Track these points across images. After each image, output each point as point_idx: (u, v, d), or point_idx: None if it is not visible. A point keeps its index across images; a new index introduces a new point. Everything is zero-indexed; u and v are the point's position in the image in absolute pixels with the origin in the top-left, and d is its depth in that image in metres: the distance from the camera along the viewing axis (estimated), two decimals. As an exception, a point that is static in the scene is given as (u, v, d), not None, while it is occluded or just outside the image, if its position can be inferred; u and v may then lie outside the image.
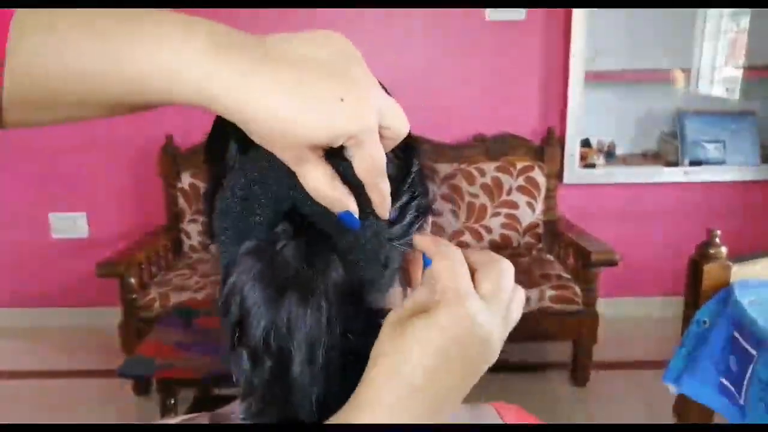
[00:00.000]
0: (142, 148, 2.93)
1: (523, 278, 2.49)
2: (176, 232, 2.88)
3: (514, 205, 2.84)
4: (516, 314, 0.39)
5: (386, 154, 0.41)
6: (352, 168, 0.38)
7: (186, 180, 2.83)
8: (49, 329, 3.04)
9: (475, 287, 0.37)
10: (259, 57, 0.34)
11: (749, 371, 1.52)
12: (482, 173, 2.85)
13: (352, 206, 0.38)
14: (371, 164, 0.37)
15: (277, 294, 0.38)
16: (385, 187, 0.38)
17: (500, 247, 2.85)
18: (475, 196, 2.84)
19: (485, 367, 0.38)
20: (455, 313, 0.35)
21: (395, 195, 0.41)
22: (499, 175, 2.84)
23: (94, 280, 2.38)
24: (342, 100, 0.34)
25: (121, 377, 1.98)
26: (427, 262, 0.39)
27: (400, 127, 0.39)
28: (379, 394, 0.35)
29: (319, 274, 0.38)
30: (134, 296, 2.39)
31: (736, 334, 1.61)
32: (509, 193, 2.84)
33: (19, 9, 0.34)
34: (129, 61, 0.34)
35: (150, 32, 0.34)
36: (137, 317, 2.39)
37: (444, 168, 2.86)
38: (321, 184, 0.37)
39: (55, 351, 2.88)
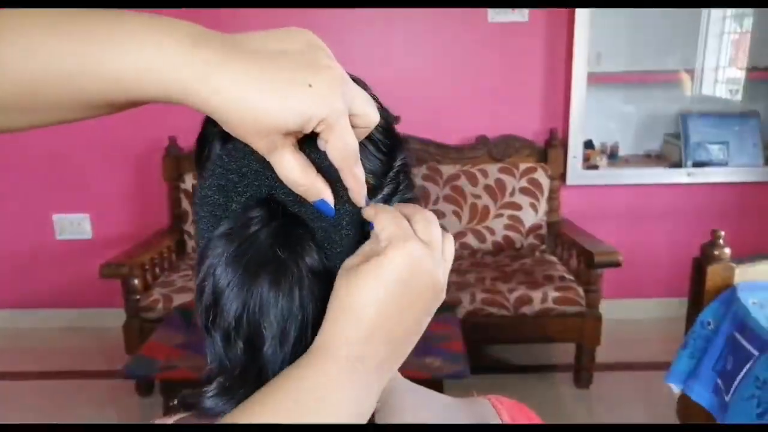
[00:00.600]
0: (145, 150, 2.94)
1: (526, 279, 2.49)
2: (179, 233, 2.89)
3: (517, 207, 2.84)
4: (449, 255, 0.43)
5: (370, 148, 0.42)
6: (327, 158, 0.38)
7: (189, 181, 2.84)
8: (52, 330, 3.05)
9: None
10: (228, 50, 0.35)
11: (744, 369, 1.52)
12: (485, 175, 2.85)
13: (327, 194, 0.39)
14: (344, 149, 0.37)
15: (249, 276, 0.39)
16: (360, 172, 0.39)
17: (503, 248, 2.85)
18: (478, 197, 2.84)
19: (434, 305, 0.40)
20: (403, 252, 0.37)
21: (378, 188, 0.42)
22: (502, 176, 2.84)
23: (97, 281, 2.39)
24: (310, 85, 0.35)
25: (124, 378, 1.99)
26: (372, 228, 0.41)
27: (371, 115, 0.39)
28: (334, 334, 0.37)
29: (293, 258, 0.39)
30: (137, 297, 2.39)
31: (737, 335, 1.61)
32: (512, 194, 2.84)
33: None
34: (108, 59, 0.34)
35: (126, 30, 0.35)
36: (140, 318, 2.40)
37: (447, 169, 2.86)
38: (295, 171, 0.37)
39: (59, 352, 2.88)
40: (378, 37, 2.87)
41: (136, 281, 2.38)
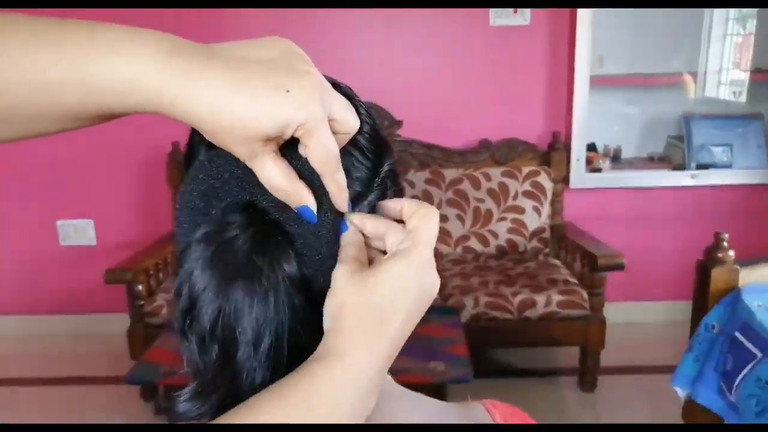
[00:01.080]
0: (149, 156, 2.94)
1: (530, 283, 2.48)
2: (183, 238, 2.89)
3: (521, 210, 2.83)
4: None
5: (356, 154, 0.42)
6: (309, 165, 0.38)
7: (193, 187, 2.84)
8: (57, 336, 3.06)
9: None
10: (204, 59, 0.35)
11: (746, 369, 1.51)
12: (488, 178, 2.85)
13: (309, 200, 0.39)
14: (324, 154, 0.38)
15: (225, 281, 0.38)
16: (341, 178, 0.39)
17: (507, 252, 2.85)
18: (481, 201, 2.84)
19: (422, 314, 0.42)
20: (424, 258, 0.40)
21: (365, 194, 0.42)
22: (506, 180, 2.84)
23: (102, 287, 2.40)
24: (288, 91, 0.35)
25: (127, 384, 1.99)
26: (343, 228, 0.41)
27: (350, 120, 0.40)
28: (349, 339, 0.37)
29: (270, 265, 0.39)
30: (141, 303, 2.40)
31: (738, 335, 1.60)
32: (515, 197, 2.84)
33: None
34: (86, 71, 0.35)
35: (103, 41, 0.35)
36: (145, 324, 2.40)
37: (450, 173, 2.86)
38: (276, 177, 0.38)
39: (64, 357, 2.89)
40: (380, 41, 2.88)
41: (140, 287, 2.38)
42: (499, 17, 2.81)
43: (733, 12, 3.03)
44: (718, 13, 3.01)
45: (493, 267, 2.69)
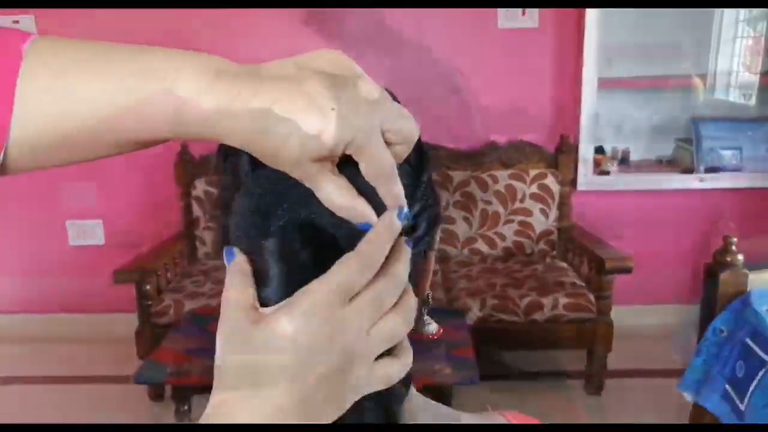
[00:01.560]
0: (157, 156, 2.95)
1: (537, 285, 2.48)
2: (191, 239, 2.90)
3: (528, 213, 2.83)
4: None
5: (403, 164, 0.40)
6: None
7: (201, 187, 2.86)
8: (65, 335, 3.07)
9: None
10: (249, 81, 0.35)
11: (758, 377, 1.50)
12: (495, 180, 2.85)
13: (371, 216, 0.37)
14: (378, 167, 0.36)
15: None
16: (398, 189, 0.38)
17: (514, 254, 2.85)
18: (489, 203, 2.84)
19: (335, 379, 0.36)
20: (317, 306, 0.35)
21: (408, 204, 0.41)
22: (513, 182, 2.84)
23: (110, 286, 2.41)
24: (333, 109, 0.34)
25: (135, 384, 2.00)
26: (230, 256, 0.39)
27: (408, 131, 0.38)
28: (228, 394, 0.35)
29: None
30: (149, 303, 2.41)
31: (749, 341, 1.59)
32: (523, 200, 2.83)
33: (27, 52, 0.35)
34: (139, 97, 0.35)
35: (155, 68, 0.35)
36: (153, 324, 2.41)
37: (457, 175, 2.86)
38: (335, 196, 0.36)
39: (71, 357, 2.90)
40: (388, 43, 2.88)
41: (148, 287, 2.40)
42: (508, 20, 2.81)
43: (743, 14, 3.02)
44: (728, 15, 2.99)
45: (500, 269, 2.68)
